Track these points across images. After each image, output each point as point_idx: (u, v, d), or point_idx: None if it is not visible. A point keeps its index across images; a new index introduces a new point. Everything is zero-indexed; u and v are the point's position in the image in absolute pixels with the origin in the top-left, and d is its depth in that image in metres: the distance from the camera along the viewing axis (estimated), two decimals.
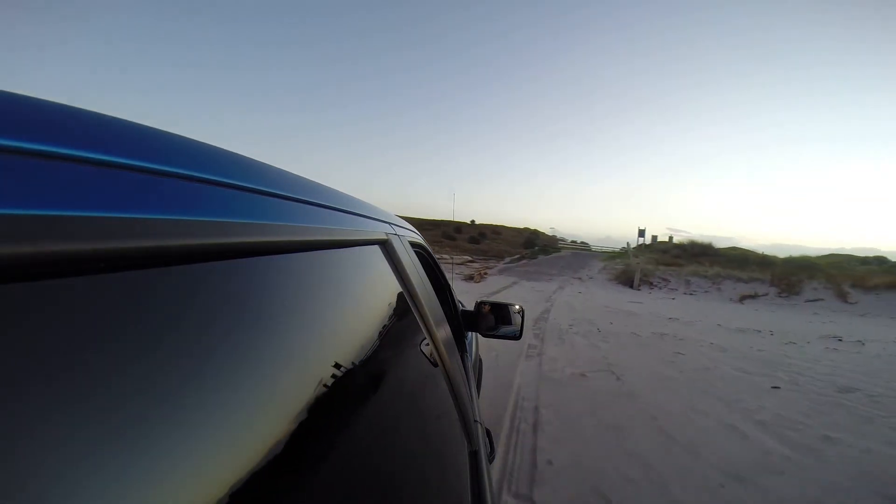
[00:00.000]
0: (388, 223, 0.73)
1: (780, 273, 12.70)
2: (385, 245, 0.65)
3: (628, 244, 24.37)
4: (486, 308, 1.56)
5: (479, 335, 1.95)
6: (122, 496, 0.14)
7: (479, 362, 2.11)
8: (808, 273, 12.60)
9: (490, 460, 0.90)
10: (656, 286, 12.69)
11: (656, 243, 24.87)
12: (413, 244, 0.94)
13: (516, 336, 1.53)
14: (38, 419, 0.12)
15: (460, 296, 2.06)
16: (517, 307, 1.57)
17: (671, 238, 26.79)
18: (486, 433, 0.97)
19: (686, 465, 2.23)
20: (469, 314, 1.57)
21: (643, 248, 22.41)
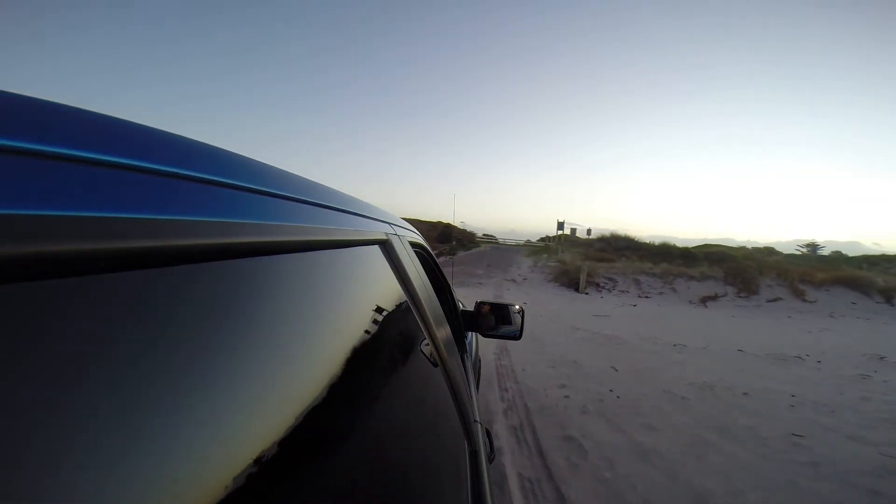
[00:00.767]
0: (388, 223, 0.74)
1: (732, 270, 11.53)
2: (385, 245, 0.65)
3: (561, 236, 22.32)
4: (486, 308, 1.57)
5: (479, 335, 1.95)
6: (123, 496, 0.14)
7: (479, 362, 2.11)
8: (758, 270, 11.63)
9: (490, 460, 0.90)
10: (604, 287, 10.93)
11: (574, 237, 23.35)
12: (413, 244, 0.94)
13: (516, 336, 1.54)
14: (39, 419, 0.12)
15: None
16: (517, 307, 1.58)
17: (589, 231, 25.15)
18: (486, 433, 0.97)
19: None
20: (469, 314, 1.57)
21: (564, 242, 20.85)
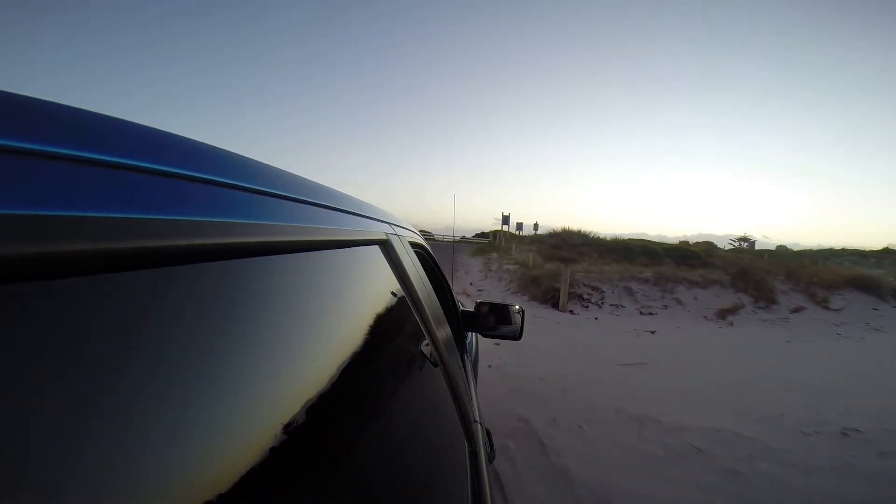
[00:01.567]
0: (388, 223, 0.74)
1: (740, 273, 9.18)
2: (385, 245, 0.65)
3: (505, 233, 20.05)
4: (486, 308, 1.57)
5: (479, 335, 1.95)
6: (123, 496, 0.14)
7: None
8: (765, 272, 9.50)
9: (490, 460, 0.90)
10: (589, 301, 8.10)
11: (518, 234, 20.90)
12: (413, 244, 0.94)
13: (516, 336, 1.54)
14: (39, 419, 0.12)
15: None
16: (517, 307, 1.58)
17: (536, 226, 22.58)
18: (486, 433, 0.97)
19: None
20: (469, 314, 1.57)
21: (512, 238, 18.05)
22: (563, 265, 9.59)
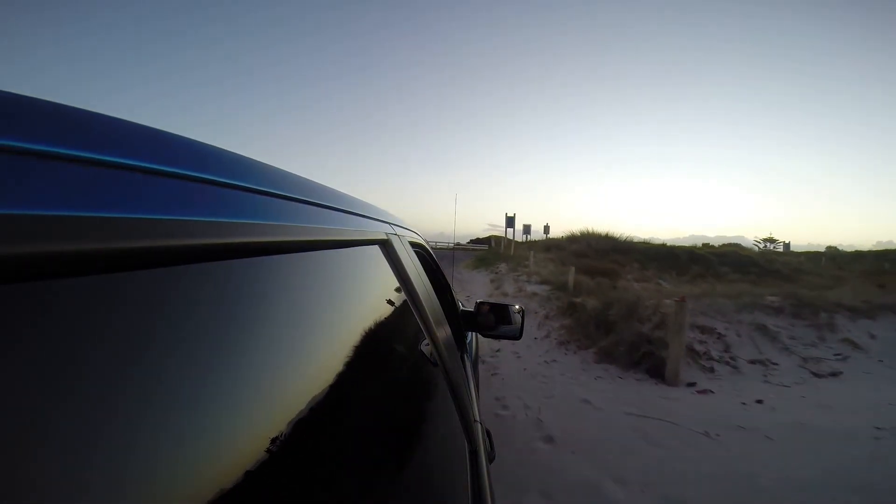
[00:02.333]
0: (388, 223, 0.74)
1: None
2: (385, 245, 0.65)
3: (527, 236, 16.80)
4: (486, 308, 1.57)
5: (479, 335, 1.95)
6: (123, 496, 0.14)
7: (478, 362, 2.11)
8: None
9: (490, 460, 0.90)
10: (712, 357, 4.13)
11: (527, 238, 18.02)
12: (413, 244, 0.94)
13: (516, 336, 1.54)
14: (39, 419, 0.12)
15: None
16: (517, 307, 1.57)
17: (547, 229, 18.96)
18: (486, 433, 0.97)
19: None
20: (469, 314, 1.57)
21: (519, 244, 15.36)
22: (611, 280, 6.17)
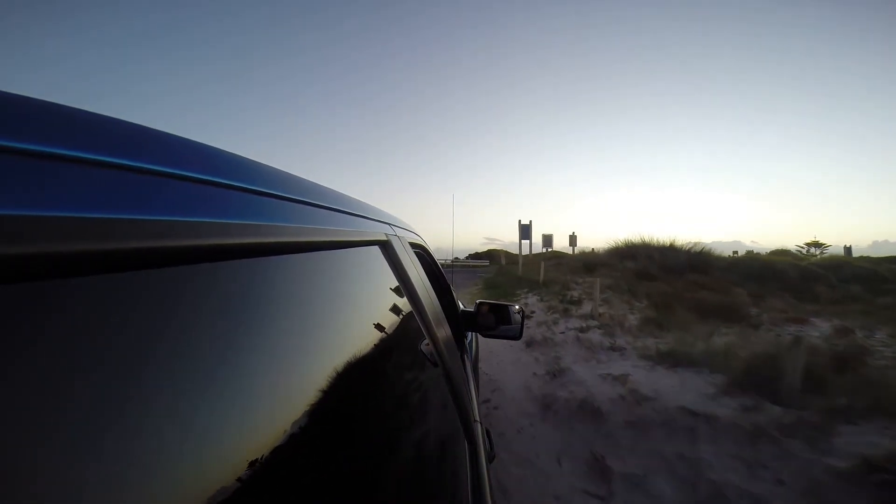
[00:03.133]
0: (388, 224, 0.74)
1: None
2: (385, 245, 0.65)
3: (547, 249, 13.99)
4: (486, 308, 1.57)
5: (479, 335, 1.95)
6: (123, 496, 0.14)
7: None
8: None
9: (490, 460, 0.90)
10: None
11: (547, 251, 14.41)
12: (413, 244, 0.94)
13: (516, 336, 1.53)
14: (39, 419, 0.12)
15: None
16: (517, 307, 1.57)
17: (574, 239, 15.39)
18: (486, 433, 0.97)
19: None
20: (469, 314, 1.57)
21: (536, 259, 11.83)
22: (627, 301, 3.71)
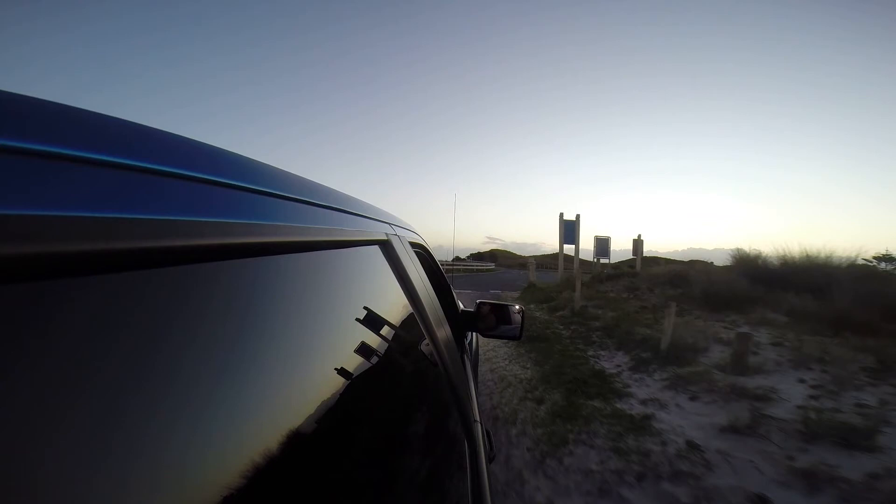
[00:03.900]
0: (388, 223, 0.74)
1: None
2: (385, 245, 0.65)
3: (601, 259, 12.67)
4: (486, 308, 1.56)
5: (479, 335, 1.95)
6: (122, 496, 0.14)
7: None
8: None
9: (490, 460, 0.90)
10: None
11: (598, 261, 12.80)
12: (413, 244, 0.94)
13: (516, 336, 1.53)
14: (39, 419, 0.12)
15: None
16: (517, 307, 1.57)
17: (639, 244, 13.58)
18: (486, 433, 0.97)
19: None
20: (469, 314, 1.57)
21: (584, 268, 10.46)
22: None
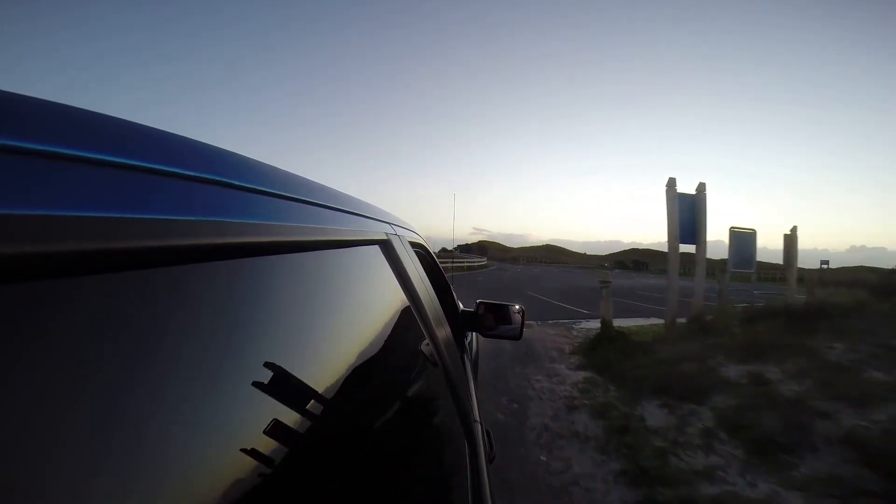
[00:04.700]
0: (388, 223, 0.74)
1: None
2: (385, 245, 0.65)
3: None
4: (486, 308, 1.56)
5: (479, 335, 1.95)
6: (122, 496, 0.14)
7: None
8: None
9: (490, 460, 0.90)
10: None
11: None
12: (413, 244, 0.94)
13: (516, 336, 1.53)
14: (39, 419, 0.12)
15: None
16: (517, 307, 1.57)
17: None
18: (486, 433, 0.97)
19: None
20: (469, 314, 1.57)
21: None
22: None
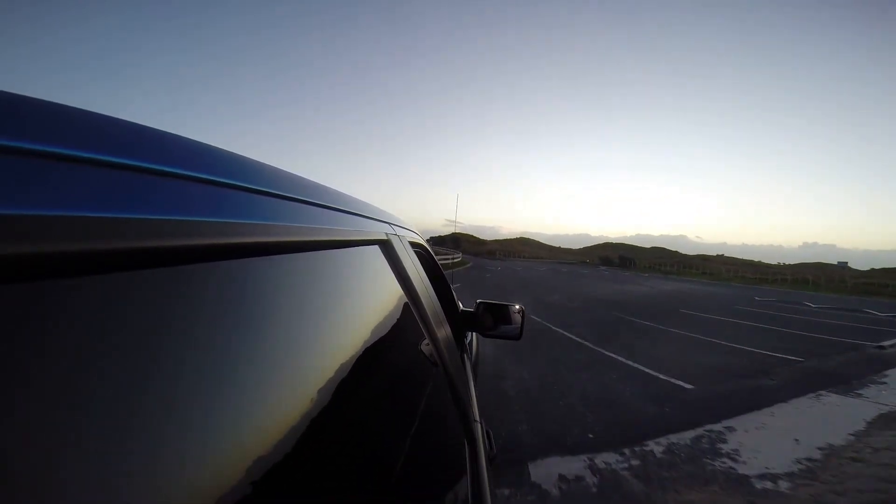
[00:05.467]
0: (388, 223, 0.74)
1: None
2: (385, 245, 0.65)
3: None
4: (486, 308, 1.56)
5: (479, 335, 1.95)
6: (122, 496, 0.14)
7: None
8: None
9: (490, 460, 0.90)
10: None
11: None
12: (413, 244, 0.94)
13: (516, 336, 1.53)
14: (39, 420, 0.12)
15: None
16: (517, 307, 1.57)
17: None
18: (486, 433, 0.97)
19: None
20: (469, 314, 1.57)
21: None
22: None
